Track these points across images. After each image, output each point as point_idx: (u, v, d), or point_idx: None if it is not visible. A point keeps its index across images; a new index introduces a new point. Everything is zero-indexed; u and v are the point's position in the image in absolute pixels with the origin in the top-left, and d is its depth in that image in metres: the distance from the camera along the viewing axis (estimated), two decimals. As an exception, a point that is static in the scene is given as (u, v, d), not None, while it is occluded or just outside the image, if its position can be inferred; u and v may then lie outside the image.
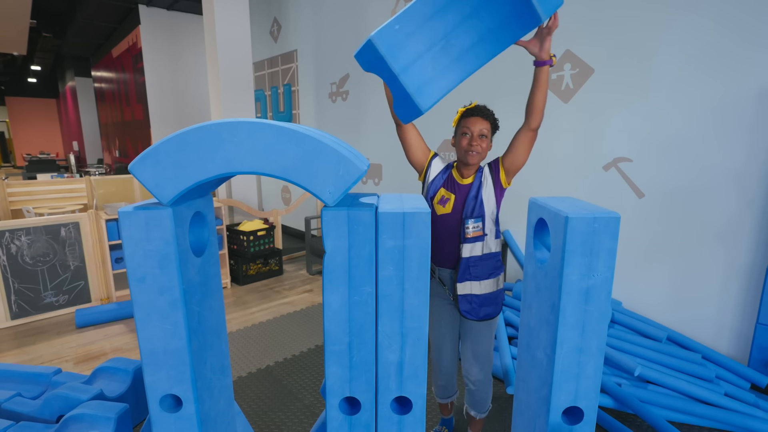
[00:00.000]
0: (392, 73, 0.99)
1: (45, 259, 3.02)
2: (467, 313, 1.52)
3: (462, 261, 1.49)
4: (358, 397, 1.02)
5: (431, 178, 1.56)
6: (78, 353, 2.63)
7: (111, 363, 1.92)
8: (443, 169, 1.57)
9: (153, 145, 0.92)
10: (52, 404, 1.66)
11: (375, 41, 0.95)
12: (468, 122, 1.48)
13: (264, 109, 6.02)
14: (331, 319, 0.98)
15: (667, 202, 2.40)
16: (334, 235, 0.93)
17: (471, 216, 1.48)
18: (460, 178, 1.54)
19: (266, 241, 4.00)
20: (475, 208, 1.48)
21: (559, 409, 1.03)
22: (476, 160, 1.48)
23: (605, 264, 0.93)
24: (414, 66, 1.02)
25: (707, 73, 2.19)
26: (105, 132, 11.86)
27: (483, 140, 1.47)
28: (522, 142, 1.41)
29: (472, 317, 1.52)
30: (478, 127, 1.46)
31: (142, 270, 0.97)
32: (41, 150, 16.45)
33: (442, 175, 1.56)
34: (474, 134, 1.46)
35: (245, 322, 3.07)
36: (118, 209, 0.95)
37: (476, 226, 1.48)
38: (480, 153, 1.47)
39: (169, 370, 1.03)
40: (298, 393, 2.18)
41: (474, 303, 1.51)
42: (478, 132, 1.46)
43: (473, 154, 1.47)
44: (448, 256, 1.54)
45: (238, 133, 0.89)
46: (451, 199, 1.53)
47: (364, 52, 0.99)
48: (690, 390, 1.93)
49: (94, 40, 9.73)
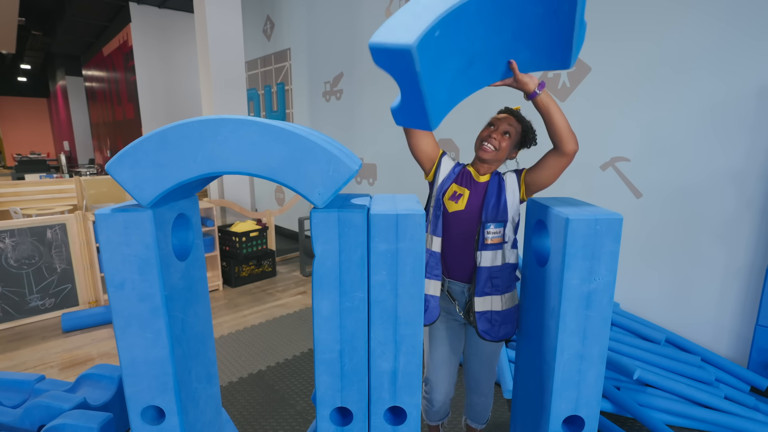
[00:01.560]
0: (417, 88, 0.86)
1: (30, 262, 2.94)
2: (486, 334, 1.33)
3: (480, 271, 1.31)
4: (350, 407, 0.98)
5: (441, 176, 1.41)
6: (63, 359, 2.56)
7: (96, 370, 1.86)
8: (455, 166, 1.41)
9: (131, 143, 0.87)
10: (33, 414, 1.60)
11: (414, 53, 0.77)
12: (498, 116, 1.37)
13: (257, 108, 5.95)
14: (321, 327, 0.93)
15: (665, 202, 2.38)
16: (324, 238, 0.88)
17: (493, 220, 1.30)
18: (476, 174, 1.38)
19: (259, 243, 3.94)
20: (498, 211, 1.31)
21: (559, 418, 0.99)
22: (489, 156, 1.32)
23: (607, 267, 0.89)
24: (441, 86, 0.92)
25: (706, 72, 2.17)
26: (96, 132, 11.73)
27: (505, 138, 1.32)
28: (551, 164, 1.24)
29: (491, 338, 1.33)
30: (506, 123, 1.34)
31: (121, 275, 0.92)
32: (32, 150, 16.24)
33: (453, 170, 1.40)
34: (498, 128, 1.33)
35: (237, 325, 3.02)
36: (95, 211, 0.89)
37: (497, 232, 1.31)
38: (495, 150, 1.31)
39: (151, 381, 0.98)
40: (290, 399, 2.13)
41: (495, 321, 1.33)
42: (503, 128, 1.33)
43: (487, 148, 1.32)
44: (462, 266, 1.36)
45: (222, 131, 0.84)
46: (465, 195, 1.36)
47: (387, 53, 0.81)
48: (689, 393, 1.91)
49: (85, 39, 9.60)
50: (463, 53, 0.93)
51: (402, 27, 0.79)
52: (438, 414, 1.54)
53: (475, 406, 1.54)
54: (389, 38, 0.78)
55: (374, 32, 0.82)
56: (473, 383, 1.50)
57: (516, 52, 1.04)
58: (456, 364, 1.49)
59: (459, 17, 0.83)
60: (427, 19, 0.79)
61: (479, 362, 1.46)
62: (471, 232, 1.34)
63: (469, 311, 1.37)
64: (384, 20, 3.82)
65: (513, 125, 1.34)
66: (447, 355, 1.46)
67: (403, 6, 0.85)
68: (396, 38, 0.77)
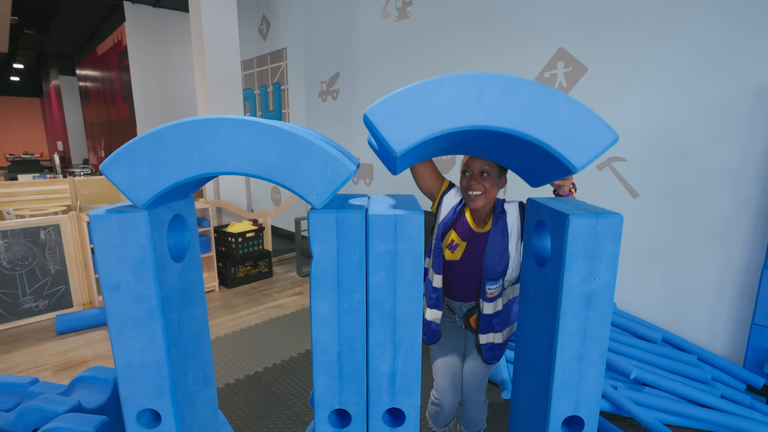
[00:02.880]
0: (393, 162, 0.91)
1: (23, 263, 2.91)
2: (490, 360, 1.42)
3: (483, 317, 1.37)
4: (349, 409, 0.97)
5: (443, 212, 1.36)
6: (57, 361, 2.53)
7: (90, 372, 1.84)
8: (455, 205, 1.36)
9: (126, 143, 0.85)
10: (26, 417, 1.57)
11: (398, 156, 0.81)
12: (468, 160, 1.29)
13: (253, 108, 5.93)
14: (319, 328, 0.92)
15: (661, 202, 2.39)
16: (322, 239, 0.87)
17: (493, 278, 1.30)
18: (473, 224, 1.34)
19: (255, 243, 3.92)
20: (497, 267, 1.28)
21: (558, 418, 0.99)
22: (479, 204, 1.28)
23: (607, 267, 0.89)
24: (417, 156, 0.97)
25: (702, 72, 2.18)
26: (90, 132, 11.64)
27: (485, 179, 1.26)
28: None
29: (495, 361, 1.43)
30: (479, 164, 1.26)
31: (116, 277, 0.90)
32: (25, 150, 16.09)
33: (455, 210, 1.35)
34: (474, 172, 1.26)
35: (233, 326, 3.00)
36: (89, 212, 0.88)
37: (497, 286, 1.32)
38: (483, 194, 1.26)
39: (147, 384, 0.97)
40: (288, 400, 2.11)
41: (496, 349, 1.42)
42: (478, 170, 1.26)
43: (474, 197, 1.27)
44: (463, 293, 1.41)
45: (218, 131, 0.83)
46: (462, 246, 1.34)
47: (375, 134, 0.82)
48: (686, 392, 1.91)
49: (78, 38, 9.53)
50: (451, 142, 0.95)
51: (399, 121, 0.79)
52: (446, 419, 1.56)
53: (471, 413, 1.56)
54: (382, 127, 0.79)
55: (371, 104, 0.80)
56: (469, 389, 1.53)
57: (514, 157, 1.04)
58: (460, 366, 1.53)
59: (458, 133, 0.82)
60: (426, 131, 0.79)
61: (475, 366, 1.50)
62: (470, 277, 1.37)
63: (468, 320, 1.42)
64: (380, 20, 3.82)
65: (486, 163, 1.27)
66: (452, 358, 1.50)
67: (411, 88, 0.80)
68: (388, 133, 0.79)
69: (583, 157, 0.82)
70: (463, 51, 3.25)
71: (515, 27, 2.91)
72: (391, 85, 3.86)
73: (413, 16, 3.57)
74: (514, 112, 0.80)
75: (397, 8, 3.70)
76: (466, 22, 3.20)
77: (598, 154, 0.82)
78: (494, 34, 3.03)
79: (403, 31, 3.68)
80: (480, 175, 1.26)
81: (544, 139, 0.81)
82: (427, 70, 3.53)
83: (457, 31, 3.27)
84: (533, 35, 2.82)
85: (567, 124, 0.80)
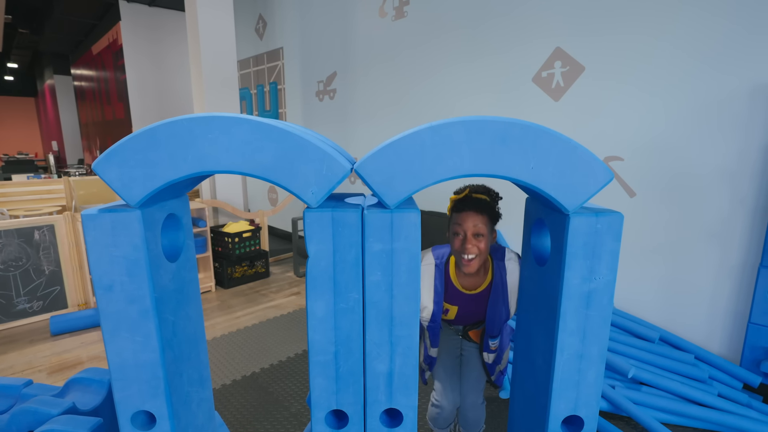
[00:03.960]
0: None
1: (17, 264, 2.88)
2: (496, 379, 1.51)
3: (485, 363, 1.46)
4: (346, 409, 0.96)
5: (426, 299, 1.29)
6: (52, 362, 2.51)
7: (85, 373, 1.82)
8: (435, 276, 1.27)
9: (119, 141, 0.84)
10: (20, 419, 1.55)
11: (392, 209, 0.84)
12: (459, 218, 1.19)
13: (250, 107, 5.90)
14: (315, 328, 0.91)
15: (658, 202, 2.39)
16: (318, 238, 0.86)
17: (494, 334, 1.32)
18: (460, 286, 1.28)
19: (252, 243, 3.90)
20: (500, 325, 1.30)
21: (558, 418, 0.98)
22: (474, 268, 1.20)
23: (607, 266, 0.88)
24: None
25: (699, 71, 2.18)
26: (85, 132, 11.57)
27: (480, 240, 1.18)
28: None
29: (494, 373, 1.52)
30: (471, 224, 1.17)
31: (109, 277, 0.89)
32: (19, 150, 15.97)
33: (437, 285, 1.27)
34: (467, 234, 1.18)
35: (230, 327, 2.98)
36: (82, 212, 0.87)
37: (498, 339, 1.38)
38: (478, 255, 1.19)
39: (141, 385, 0.96)
40: (285, 401, 2.10)
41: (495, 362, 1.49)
42: (472, 231, 1.17)
43: (468, 260, 1.19)
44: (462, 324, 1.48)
45: (213, 129, 0.82)
46: (453, 310, 1.33)
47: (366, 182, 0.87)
48: (683, 391, 1.91)
49: (73, 37, 9.47)
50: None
51: (389, 176, 0.81)
52: (447, 420, 1.57)
53: (470, 414, 1.56)
54: (374, 182, 0.82)
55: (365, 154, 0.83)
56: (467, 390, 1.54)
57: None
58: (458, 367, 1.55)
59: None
60: (417, 184, 0.82)
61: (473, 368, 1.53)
62: (468, 329, 1.45)
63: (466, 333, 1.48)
64: (377, 20, 3.81)
65: (479, 222, 1.18)
66: (449, 359, 1.52)
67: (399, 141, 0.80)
68: (380, 189, 0.82)
69: (576, 200, 0.83)
70: (460, 50, 3.24)
71: (512, 26, 2.90)
72: (390, 86, 3.85)
73: (410, 16, 3.56)
74: (506, 160, 0.81)
75: (394, 8, 3.69)
76: (463, 21, 3.19)
77: (591, 196, 0.83)
78: (491, 33, 3.03)
79: (400, 30, 3.67)
80: (474, 237, 1.18)
81: (537, 184, 0.82)
82: (424, 70, 3.52)
83: (454, 31, 3.26)
84: (530, 35, 2.81)
85: (560, 167, 0.81)
